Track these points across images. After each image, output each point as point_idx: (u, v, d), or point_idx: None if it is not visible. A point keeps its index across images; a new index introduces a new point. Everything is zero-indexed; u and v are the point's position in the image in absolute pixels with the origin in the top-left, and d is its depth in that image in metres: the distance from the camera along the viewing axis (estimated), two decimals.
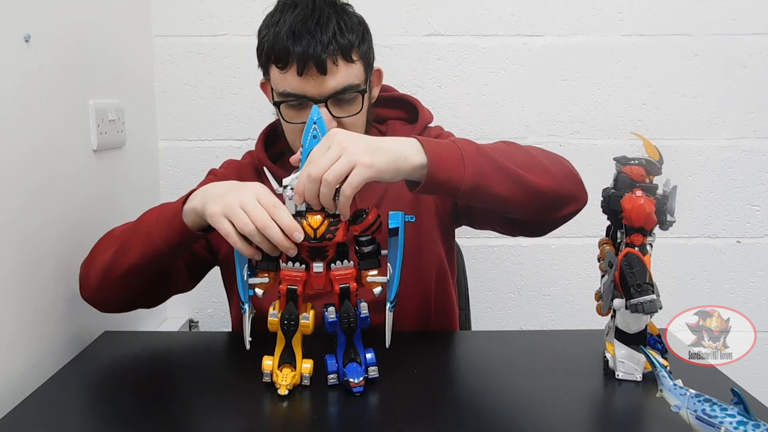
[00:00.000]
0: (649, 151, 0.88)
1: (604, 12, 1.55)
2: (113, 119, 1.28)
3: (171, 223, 0.94)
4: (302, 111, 1.02)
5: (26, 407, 0.85)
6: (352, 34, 1.01)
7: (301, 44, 0.98)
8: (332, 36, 0.99)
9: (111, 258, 1.00)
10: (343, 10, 1.04)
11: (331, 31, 0.99)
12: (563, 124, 1.59)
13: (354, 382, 0.85)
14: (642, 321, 0.88)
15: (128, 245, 0.99)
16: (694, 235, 1.64)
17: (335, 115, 1.02)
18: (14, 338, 0.98)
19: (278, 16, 1.02)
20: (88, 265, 1.05)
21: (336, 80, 1.00)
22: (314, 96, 1.00)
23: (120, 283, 1.01)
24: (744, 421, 0.63)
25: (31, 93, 1.02)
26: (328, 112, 1.01)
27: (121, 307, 1.08)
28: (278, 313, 0.85)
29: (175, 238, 0.95)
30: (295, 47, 0.98)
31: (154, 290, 1.08)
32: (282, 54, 0.99)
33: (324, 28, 0.99)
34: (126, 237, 1.00)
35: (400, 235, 0.84)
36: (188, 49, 1.56)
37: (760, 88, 1.57)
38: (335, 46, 0.99)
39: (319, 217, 0.81)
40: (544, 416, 0.83)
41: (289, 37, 0.98)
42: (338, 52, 0.99)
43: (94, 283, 1.03)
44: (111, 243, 1.03)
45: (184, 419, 0.85)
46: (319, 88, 1.00)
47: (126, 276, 1.00)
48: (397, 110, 1.22)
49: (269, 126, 1.20)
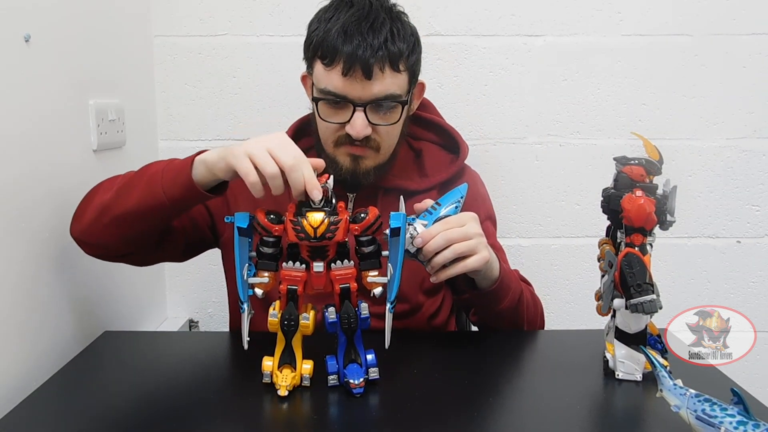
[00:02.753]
0: (649, 151, 0.88)
1: (604, 12, 1.55)
2: (113, 119, 1.28)
3: (177, 176, 0.92)
4: (340, 111, 1.02)
5: (26, 407, 0.85)
6: (403, 43, 1.00)
7: (351, 44, 0.97)
8: (383, 42, 0.97)
9: (110, 198, 0.97)
10: (398, 18, 1.03)
11: (383, 37, 0.98)
12: (563, 124, 1.59)
13: (354, 383, 0.85)
14: (642, 321, 0.88)
15: (130, 189, 0.96)
16: (694, 235, 1.64)
17: (372, 122, 1.01)
18: (14, 338, 0.98)
19: (332, 12, 1.01)
20: (86, 202, 1.02)
21: (380, 87, 0.99)
22: (355, 99, 0.99)
23: (113, 226, 0.97)
24: (744, 421, 0.63)
25: (31, 93, 1.02)
26: (365, 117, 1.00)
27: (108, 253, 1.04)
28: (278, 313, 0.85)
29: (179, 192, 0.92)
30: (344, 46, 0.97)
31: (146, 247, 1.04)
32: (330, 51, 0.98)
33: (377, 33, 0.98)
34: (129, 181, 0.98)
35: (402, 235, 0.84)
36: (188, 49, 1.56)
37: (760, 88, 1.57)
38: (384, 53, 0.98)
39: (320, 217, 0.81)
40: (544, 416, 0.83)
41: (340, 36, 0.97)
42: (386, 59, 0.98)
43: (87, 220, 1.00)
44: (112, 184, 1.00)
45: (184, 420, 0.84)
46: (362, 91, 0.99)
47: (121, 220, 0.96)
48: (430, 133, 1.21)
49: (300, 120, 1.18)
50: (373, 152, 1.05)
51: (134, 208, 0.95)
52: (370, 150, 1.05)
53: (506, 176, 1.60)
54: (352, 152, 1.04)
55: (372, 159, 1.06)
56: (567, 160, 1.60)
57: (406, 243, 0.91)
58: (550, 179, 1.61)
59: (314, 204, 0.82)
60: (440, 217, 0.95)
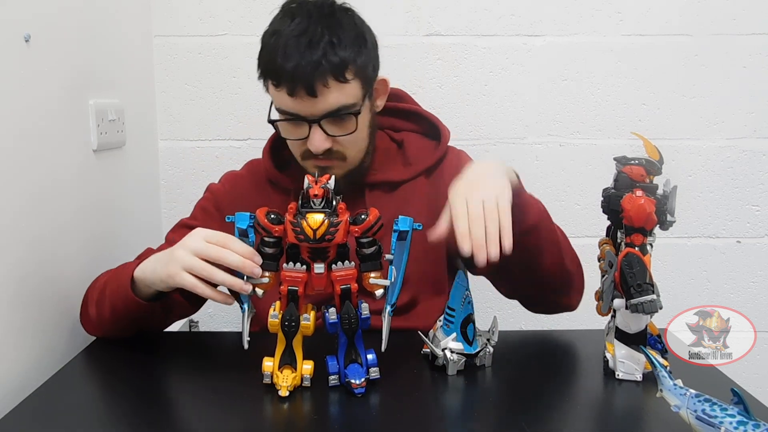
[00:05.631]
0: (649, 151, 0.88)
1: (604, 12, 1.55)
2: (113, 119, 1.28)
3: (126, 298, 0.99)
4: (298, 127, 1.01)
5: (26, 407, 0.85)
6: (345, 50, 0.97)
7: (291, 63, 0.95)
8: (322, 56, 0.95)
9: (96, 313, 1.04)
10: (339, 24, 0.99)
11: (322, 51, 0.95)
12: (563, 124, 1.59)
13: (355, 383, 0.84)
14: (642, 321, 0.88)
15: (103, 305, 1.03)
16: (694, 235, 1.64)
17: (331, 134, 1.00)
18: (14, 338, 0.98)
19: (278, 25, 1.00)
20: (82, 314, 1.09)
21: (328, 101, 0.97)
22: (307, 116, 0.99)
23: (115, 329, 1.05)
24: (744, 421, 0.63)
25: (31, 93, 1.01)
26: (321, 132, 0.99)
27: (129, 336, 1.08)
28: (279, 314, 0.85)
29: (135, 310, 0.99)
30: (285, 67, 0.95)
31: (156, 323, 1.07)
32: (274, 73, 0.98)
33: (314, 48, 0.95)
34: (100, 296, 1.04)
35: (408, 239, 0.84)
36: (188, 49, 1.56)
37: (760, 88, 1.57)
38: (326, 66, 0.95)
39: (320, 218, 0.81)
40: (544, 416, 0.83)
41: (281, 56, 0.96)
42: (329, 72, 0.95)
43: (92, 330, 1.08)
44: (93, 297, 1.06)
45: (183, 420, 0.85)
46: (311, 108, 0.98)
47: (116, 325, 1.03)
48: (410, 123, 1.20)
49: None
50: (339, 162, 1.04)
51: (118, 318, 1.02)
52: (336, 160, 1.04)
53: None
54: (318, 164, 1.03)
55: (340, 168, 1.05)
56: (567, 160, 1.60)
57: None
58: (550, 179, 1.61)
59: (315, 205, 0.82)
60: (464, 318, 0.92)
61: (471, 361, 0.92)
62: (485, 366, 0.94)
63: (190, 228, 1.12)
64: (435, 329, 0.96)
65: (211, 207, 1.15)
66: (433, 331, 0.95)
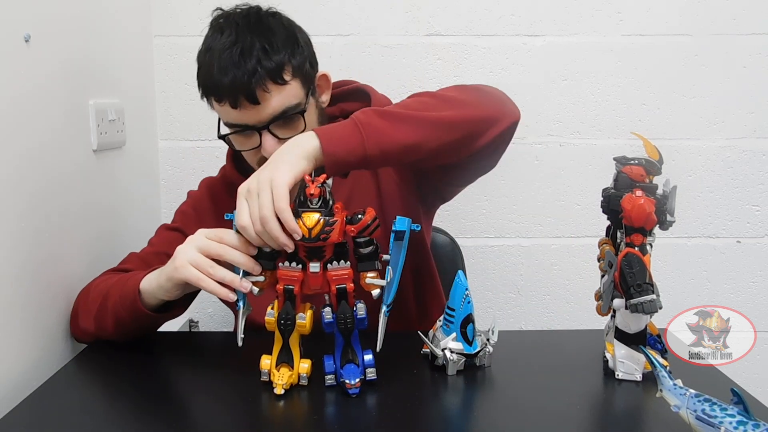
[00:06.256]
0: (649, 151, 0.88)
1: (604, 12, 1.55)
2: (113, 119, 1.28)
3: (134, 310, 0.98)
4: (249, 137, 1.02)
5: (26, 407, 0.85)
6: (279, 53, 0.97)
7: (228, 77, 0.95)
8: (257, 63, 0.95)
9: (95, 326, 1.04)
10: (269, 29, 0.99)
11: (256, 58, 0.95)
12: (563, 124, 1.59)
13: (350, 383, 0.84)
14: (642, 321, 0.88)
15: (104, 318, 1.02)
16: (694, 235, 1.64)
17: (282, 137, 0.99)
18: (14, 338, 0.97)
19: (209, 42, 1.01)
20: (73, 327, 1.08)
21: (272, 106, 0.98)
22: (255, 124, 0.99)
23: (113, 338, 1.04)
24: (744, 421, 0.63)
25: (31, 93, 1.01)
26: (272, 136, 0.99)
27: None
28: (275, 312, 0.85)
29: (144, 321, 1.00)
30: (223, 81, 0.96)
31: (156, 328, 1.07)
32: (213, 89, 0.99)
33: (247, 57, 0.95)
34: (101, 310, 1.03)
35: (405, 239, 0.84)
36: (188, 49, 1.54)
37: (760, 88, 1.57)
38: (262, 73, 0.95)
39: (315, 217, 0.81)
40: (543, 416, 0.82)
41: (218, 71, 0.97)
42: (266, 78, 0.96)
43: (87, 340, 1.07)
44: (88, 309, 1.05)
45: (183, 419, 0.84)
46: (257, 116, 0.98)
47: (117, 336, 1.03)
48: (356, 102, 1.17)
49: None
50: None
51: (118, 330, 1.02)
52: None
53: (506, 176, 1.60)
54: None
55: None
56: (567, 160, 1.60)
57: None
58: (550, 179, 1.61)
59: (311, 204, 0.82)
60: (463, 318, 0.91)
61: (471, 361, 0.92)
62: (485, 366, 0.94)
63: (172, 232, 1.14)
64: (435, 329, 0.95)
65: (190, 211, 1.18)
66: (433, 331, 0.95)
